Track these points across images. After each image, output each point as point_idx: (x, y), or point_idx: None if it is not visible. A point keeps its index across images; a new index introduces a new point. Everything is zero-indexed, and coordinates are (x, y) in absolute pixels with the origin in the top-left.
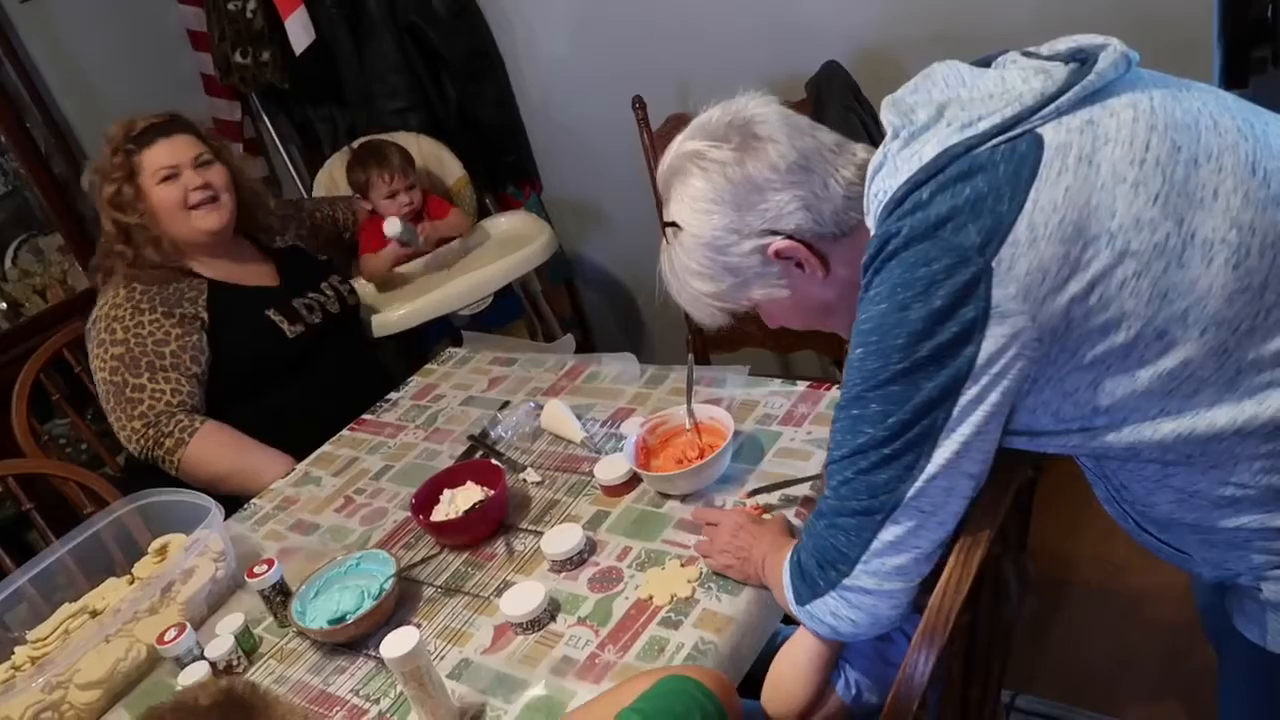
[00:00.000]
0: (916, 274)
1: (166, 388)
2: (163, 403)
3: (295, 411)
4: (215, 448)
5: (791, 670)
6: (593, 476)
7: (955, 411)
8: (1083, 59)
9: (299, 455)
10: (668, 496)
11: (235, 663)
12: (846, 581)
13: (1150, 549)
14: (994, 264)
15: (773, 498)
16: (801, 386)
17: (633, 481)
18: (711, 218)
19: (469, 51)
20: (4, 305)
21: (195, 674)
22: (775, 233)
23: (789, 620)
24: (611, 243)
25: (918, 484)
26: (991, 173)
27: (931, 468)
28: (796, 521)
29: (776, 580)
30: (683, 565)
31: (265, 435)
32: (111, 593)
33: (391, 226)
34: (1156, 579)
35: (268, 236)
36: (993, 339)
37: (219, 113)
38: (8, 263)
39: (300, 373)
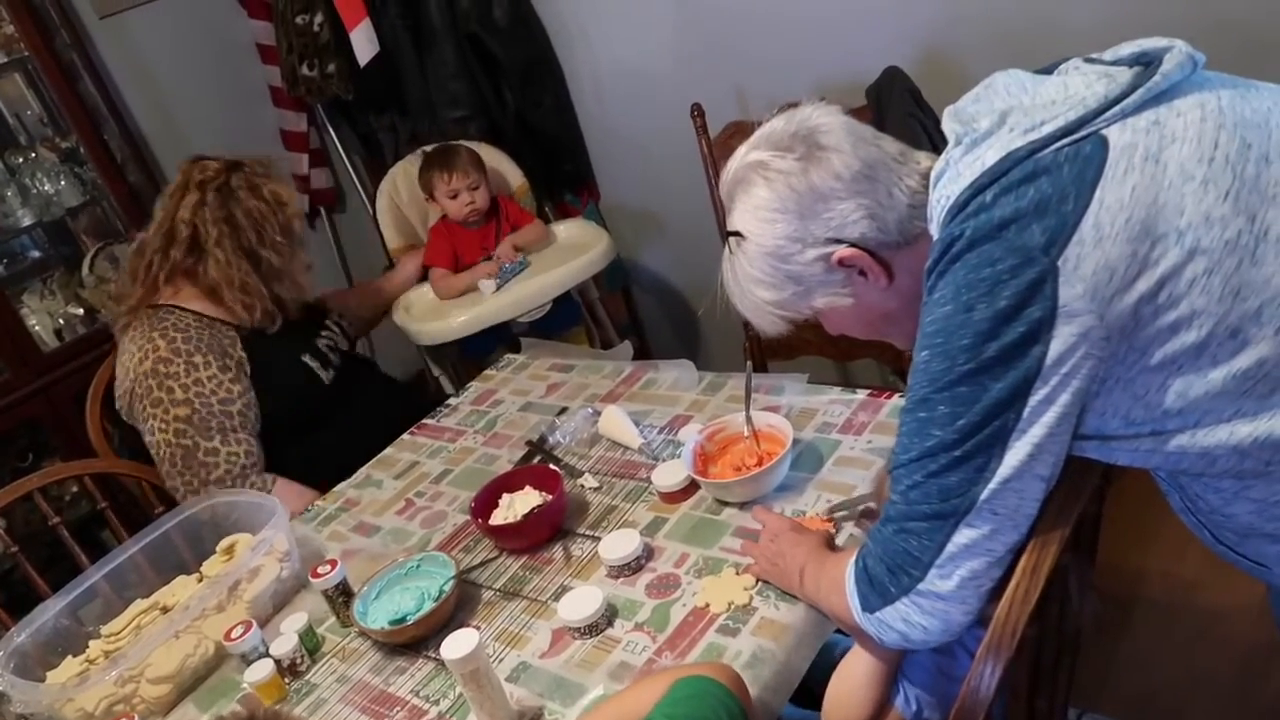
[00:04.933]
0: (981, 274)
1: (240, 449)
2: (238, 466)
3: (339, 451)
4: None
5: (850, 687)
6: (650, 482)
7: (1026, 412)
8: (1147, 62)
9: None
10: (726, 504)
11: (299, 661)
12: (920, 587)
13: (1227, 561)
14: (1060, 263)
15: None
16: (861, 394)
17: (690, 488)
18: (775, 226)
19: (528, 60)
20: (81, 311)
21: (260, 671)
22: (839, 241)
23: (843, 630)
24: (668, 250)
25: (990, 486)
26: (1056, 174)
27: (1004, 470)
28: (858, 531)
29: (822, 590)
30: (738, 573)
31: (312, 478)
32: (181, 590)
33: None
34: (1230, 596)
35: None
36: (1061, 339)
37: (286, 124)
38: (85, 270)
39: (335, 413)
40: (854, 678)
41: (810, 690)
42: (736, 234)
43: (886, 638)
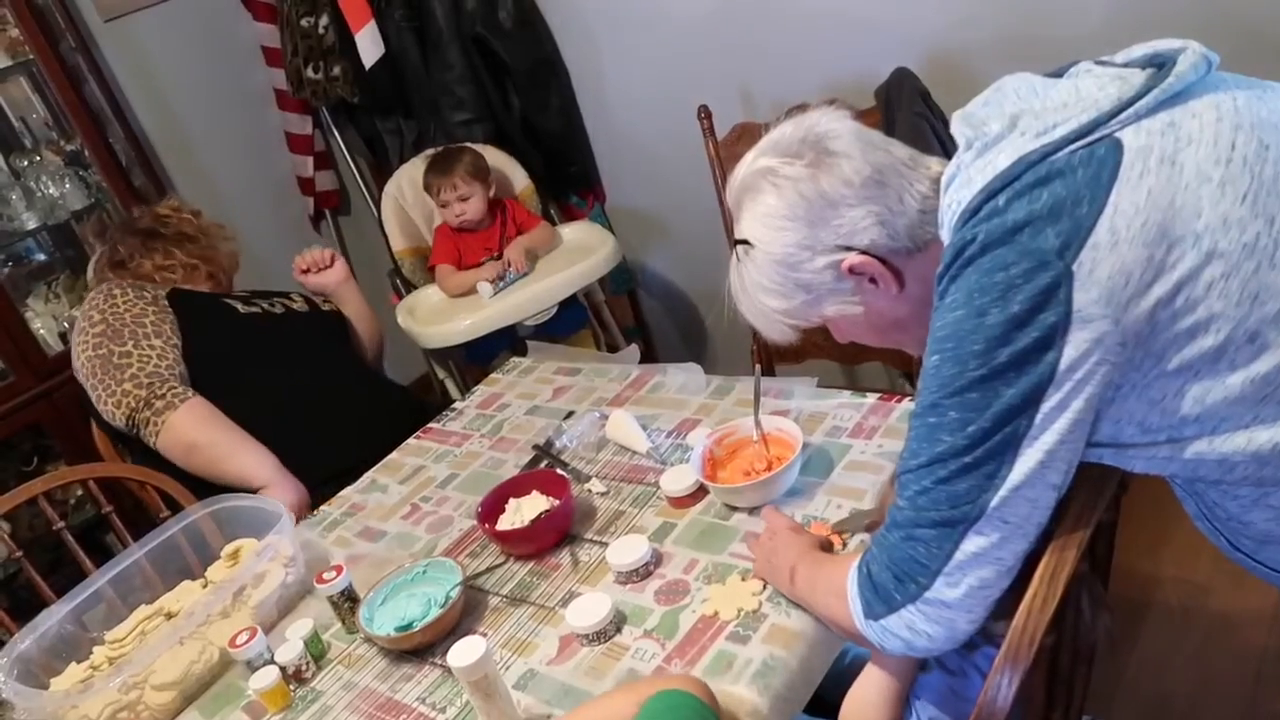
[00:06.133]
0: (994, 279)
1: (153, 353)
2: (151, 365)
3: (274, 404)
4: (200, 421)
5: (862, 709)
6: (658, 487)
7: (1038, 419)
8: (1160, 64)
9: (295, 459)
10: (735, 509)
11: (304, 667)
12: (927, 595)
13: (1245, 568)
14: (1074, 268)
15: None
16: (871, 398)
17: (699, 493)
18: (784, 234)
19: (533, 61)
20: None
21: (265, 678)
22: (849, 248)
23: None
24: (674, 253)
25: (1001, 494)
26: (1070, 178)
27: (1015, 477)
28: (865, 536)
29: (818, 593)
30: (743, 579)
31: (254, 430)
32: (186, 595)
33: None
34: (1243, 602)
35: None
36: (1075, 344)
37: (290, 127)
38: (89, 273)
39: (270, 362)
40: (866, 702)
41: (821, 698)
42: (744, 242)
43: (889, 645)
